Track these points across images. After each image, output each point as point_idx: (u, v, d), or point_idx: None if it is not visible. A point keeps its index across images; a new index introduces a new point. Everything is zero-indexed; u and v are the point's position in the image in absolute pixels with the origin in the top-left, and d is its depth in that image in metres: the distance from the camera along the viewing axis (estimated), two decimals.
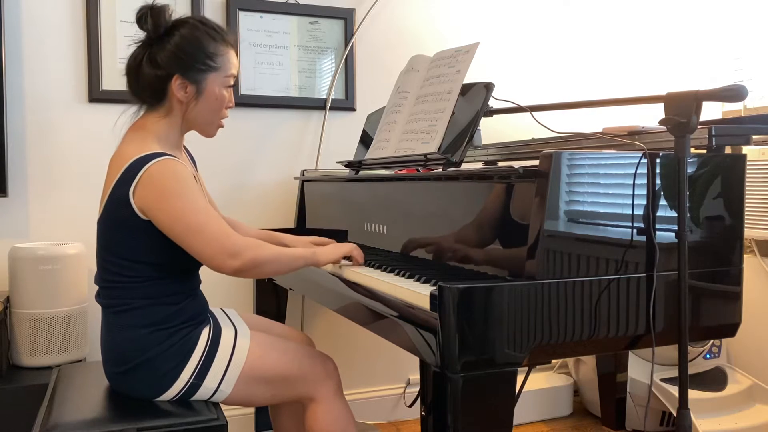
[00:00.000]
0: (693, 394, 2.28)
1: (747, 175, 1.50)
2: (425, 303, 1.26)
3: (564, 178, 1.29)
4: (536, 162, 1.32)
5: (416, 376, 2.78)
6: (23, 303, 2.05)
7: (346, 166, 2.13)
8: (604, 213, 1.33)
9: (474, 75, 2.78)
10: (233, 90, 1.66)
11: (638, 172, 1.37)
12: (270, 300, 2.50)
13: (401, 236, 1.73)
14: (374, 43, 2.71)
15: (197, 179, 1.69)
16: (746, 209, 1.58)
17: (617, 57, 2.98)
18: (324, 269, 1.80)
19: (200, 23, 1.57)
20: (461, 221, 1.50)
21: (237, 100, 2.40)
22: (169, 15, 1.56)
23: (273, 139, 2.57)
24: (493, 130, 2.85)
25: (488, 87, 1.67)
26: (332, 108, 2.64)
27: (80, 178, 2.32)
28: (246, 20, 2.51)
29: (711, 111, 2.44)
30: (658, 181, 1.39)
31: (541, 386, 2.72)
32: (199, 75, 1.56)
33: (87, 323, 2.18)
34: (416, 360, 2.76)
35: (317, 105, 2.62)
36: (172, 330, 1.50)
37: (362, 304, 1.54)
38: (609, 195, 1.34)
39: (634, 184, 1.36)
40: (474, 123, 1.64)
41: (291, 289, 2.39)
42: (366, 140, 2.13)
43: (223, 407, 2.41)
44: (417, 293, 1.32)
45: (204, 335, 1.54)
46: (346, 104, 2.65)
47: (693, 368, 2.39)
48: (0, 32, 2.14)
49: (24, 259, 2.04)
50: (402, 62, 2.71)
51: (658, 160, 1.39)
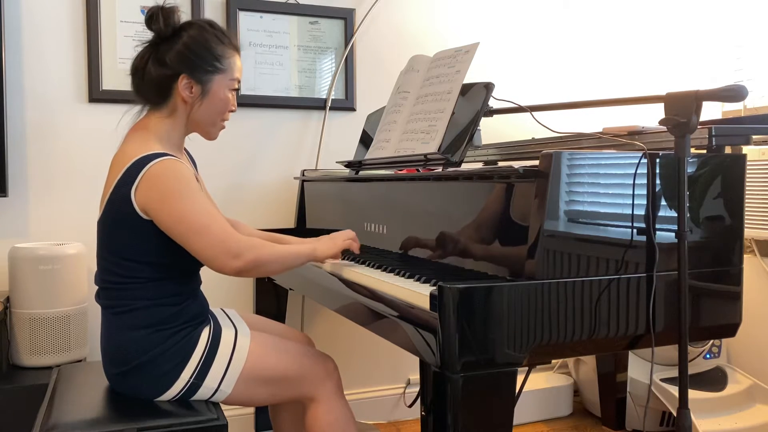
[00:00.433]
0: (693, 394, 2.28)
1: (747, 175, 1.50)
2: (425, 303, 1.26)
3: (564, 178, 1.29)
4: (536, 162, 1.31)
5: (416, 376, 2.78)
6: (23, 303, 2.05)
7: (346, 166, 2.13)
8: (604, 213, 1.33)
9: (474, 75, 2.78)
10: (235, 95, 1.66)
11: (638, 172, 1.37)
12: (270, 300, 2.50)
13: (401, 236, 1.73)
14: (374, 43, 2.71)
15: (198, 180, 1.69)
16: (746, 209, 1.58)
17: (617, 57, 2.97)
18: (324, 269, 1.80)
19: (209, 25, 1.59)
20: (461, 221, 1.50)
21: (237, 100, 2.40)
22: (179, 16, 1.57)
23: (273, 139, 2.57)
24: (493, 130, 2.85)
25: (488, 87, 1.67)
26: (332, 108, 2.64)
27: (80, 178, 2.32)
28: (246, 20, 2.51)
29: (711, 111, 2.43)
30: (658, 181, 1.39)
31: (541, 386, 2.72)
32: (206, 76, 1.56)
33: (87, 323, 2.18)
34: (416, 360, 2.76)
35: (317, 105, 2.62)
36: (173, 330, 1.50)
37: (362, 304, 1.54)
38: (609, 195, 1.34)
39: (634, 184, 1.36)
40: (474, 123, 1.64)
41: (291, 289, 2.39)
42: (366, 140, 2.13)
43: (223, 407, 2.41)
44: (417, 293, 1.32)
45: (204, 335, 1.54)
46: (346, 104, 2.65)
47: (693, 368, 2.39)
48: (0, 32, 2.14)
49: (24, 259, 2.04)
50: (402, 62, 2.71)
51: (658, 160, 1.39)
